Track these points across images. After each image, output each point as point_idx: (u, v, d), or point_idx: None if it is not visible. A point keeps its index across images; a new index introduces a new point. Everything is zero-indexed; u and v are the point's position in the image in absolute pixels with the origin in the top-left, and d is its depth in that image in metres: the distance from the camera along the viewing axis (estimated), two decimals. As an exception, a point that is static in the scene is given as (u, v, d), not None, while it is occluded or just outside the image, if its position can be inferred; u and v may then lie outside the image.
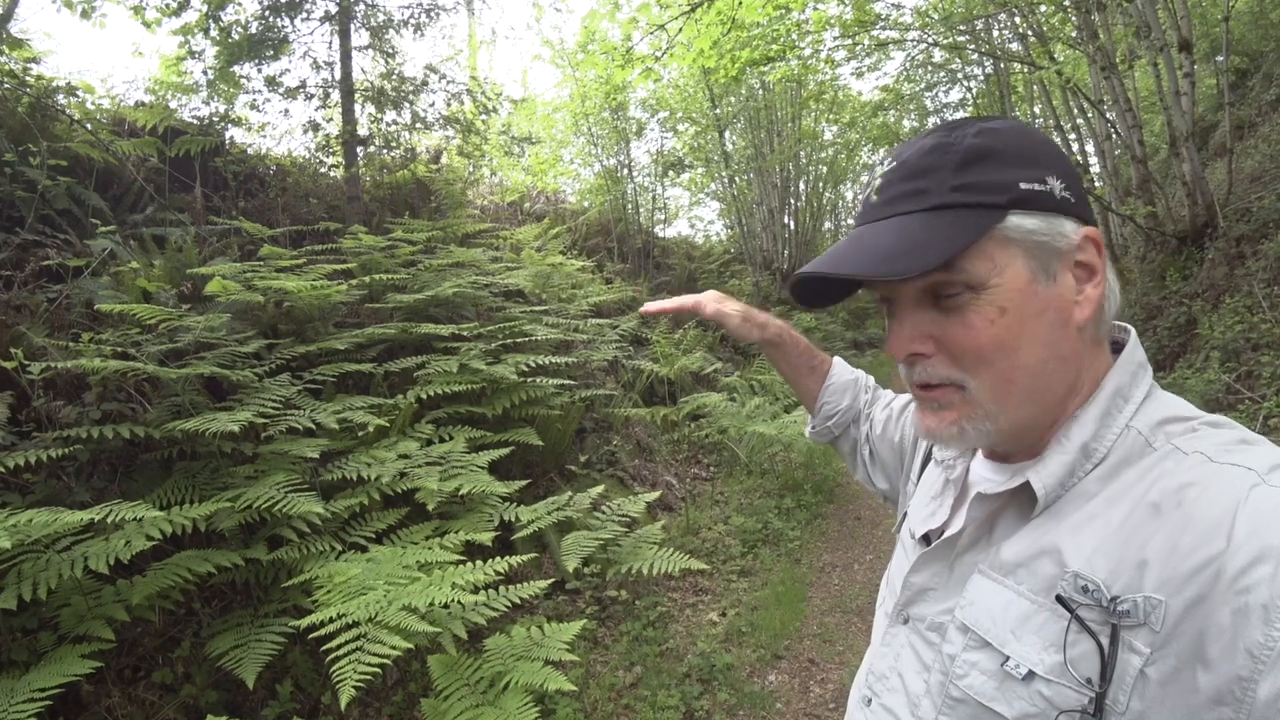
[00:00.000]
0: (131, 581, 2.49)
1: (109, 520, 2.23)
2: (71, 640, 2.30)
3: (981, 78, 12.16)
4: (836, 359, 1.25)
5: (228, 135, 5.63)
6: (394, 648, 2.20)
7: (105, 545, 2.34)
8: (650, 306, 1.16)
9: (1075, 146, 9.33)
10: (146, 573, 2.50)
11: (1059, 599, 0.64)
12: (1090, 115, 7.79)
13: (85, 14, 4.89)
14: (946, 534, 0.80)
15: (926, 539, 0.86)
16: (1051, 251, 0.67)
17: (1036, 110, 12.18)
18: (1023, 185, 0.66)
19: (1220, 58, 8.14)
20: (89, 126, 4.41)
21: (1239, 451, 0.61)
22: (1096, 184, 8.68)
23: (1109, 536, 0.63)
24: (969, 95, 12.79)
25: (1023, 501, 0.72)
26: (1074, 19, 7.05)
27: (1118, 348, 0.74)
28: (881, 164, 0.74)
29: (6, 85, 4.19)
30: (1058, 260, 0.68)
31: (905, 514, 0.96)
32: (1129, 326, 0.75)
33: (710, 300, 1.16)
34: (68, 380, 3.00)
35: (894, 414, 1.13)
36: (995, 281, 0.66)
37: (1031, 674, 0.65)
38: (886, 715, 0.81)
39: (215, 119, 5.48)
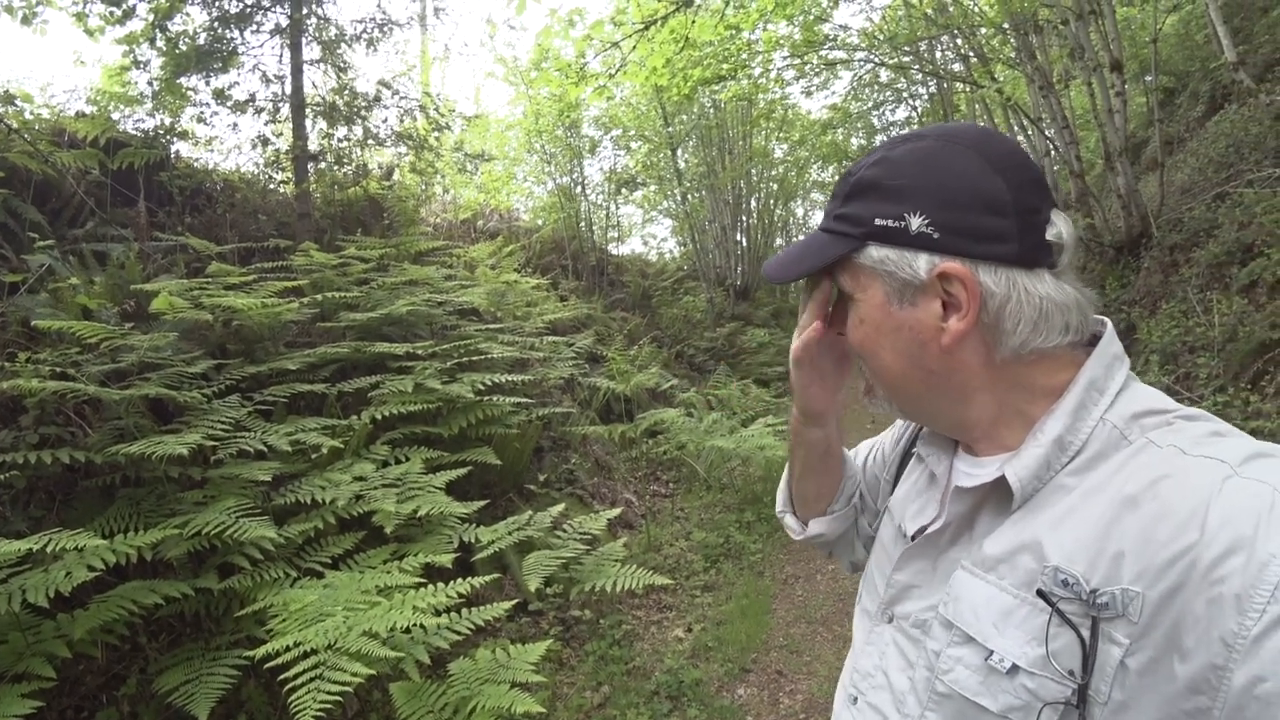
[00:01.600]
0: (73, 615, 2.37)
1: (48, 550, 2.13)
2: (10, 679, 2.18)
3: (926, 97, 12.57)
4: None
5: (173, 149, 5.46)
6: (355, 675, 2.13)
7: (44, 577, 2.23)
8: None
9: (1017, 163, 9.68)
10: (89, 606, 2.39)
11: (1040, 593, 0.65)
12: (1030, 132, 8.07)
13: (26, 20, 4.71)
14: (929, 530, 0.81)
15: (918, 535, 0.86)
16: (902, 281, 0.73)
17: (978, 129, 12.60)
18: (877, 221, 0.74)
19: (1149, 77, 8.54)
20: (27, 136, 4.23)
21: (1212, 444, 0.63)
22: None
23: (1086, 530, 0.64)
24: (914, 114, 13.18)
25: (1001, 496, 0.73)
26: (1013, 41, 7.32)
27: (1096, 341, 0.75)
28: None
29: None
30: (913, 289, 0.73)
31: (882, 511, 0.97)
32: (1106, 320, 0.77)
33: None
34: (2, 402, 2.86)
35: (877, 445, 1.11)
36: (859, 297, 0.78)
37: (1015, 667, 0.66)
38: (873, 713, 0.82)
39: (160, 131, 5.31)
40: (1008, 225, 0.69)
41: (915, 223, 0.71)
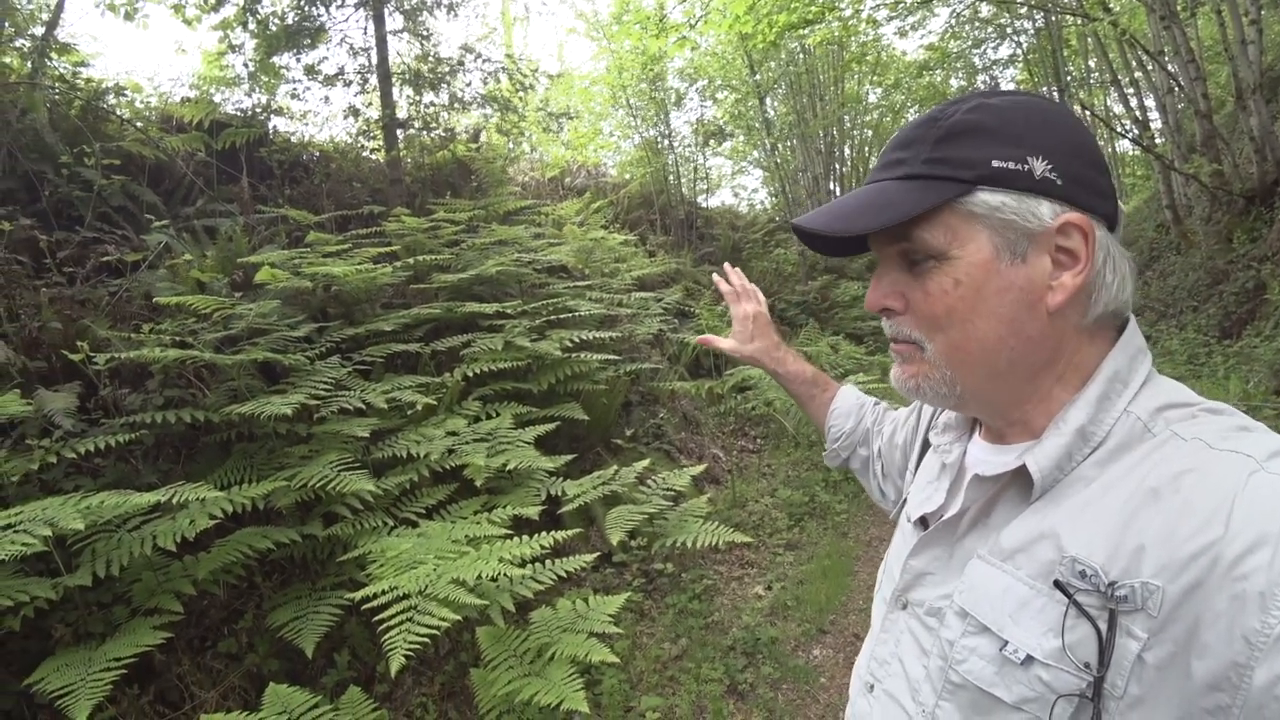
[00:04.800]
0: (197, 558, 2.62)
1: (174, 501, 2.35)
2: (143, 613, 2.44)
3: (1032, 32, 11.66)
4: (846, 387, 1.34)
5: (271, 125, 5.77)
6: (443, 619, 2.27)
7: (172, 524, 2.46)
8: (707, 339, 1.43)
9: (1134, 101, 8.86)
10: (210, 549, 2.63)
11: (1057, 584, 0.64)
12: (1150, 68, 7.42)
13: (128, 15, 5.04)
14: (945, 516, 0.80)
15: (924, 523, 0.86)
16: (1020, 231, 0.67)
17: (1091, 64, 11.69)
18: (995, 163, 0.67)
19: (1292, -2, 7.65)
20: (139, 125, 4.57)
21: (1238, 438, 0.61)
22: (1158, 140, 8.28)
23: (1107, 521, 0.63)
24: (1019, 51, 12.28)
25: (1021, 485, 0.72)
26: (1131, -37, 6.72)
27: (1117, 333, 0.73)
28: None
29: (58, 89, 4.36)
30: (1029, 241, 0.68)
31: (904, 500, 0.96)
32: (1129, 313, 0.74)
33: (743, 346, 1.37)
34: (131, 369, 3.14)
35: (900, 421, 1.14)
36: (955, 253, 0.69)
37: (1030, 659, 0.65)
38: (888, 701, 0.82)
39: (258, 110, 5.62)
40: (1108, 185, 0.69)
41: (1039, 167, 0.67)
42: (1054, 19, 9.73)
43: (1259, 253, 5.58)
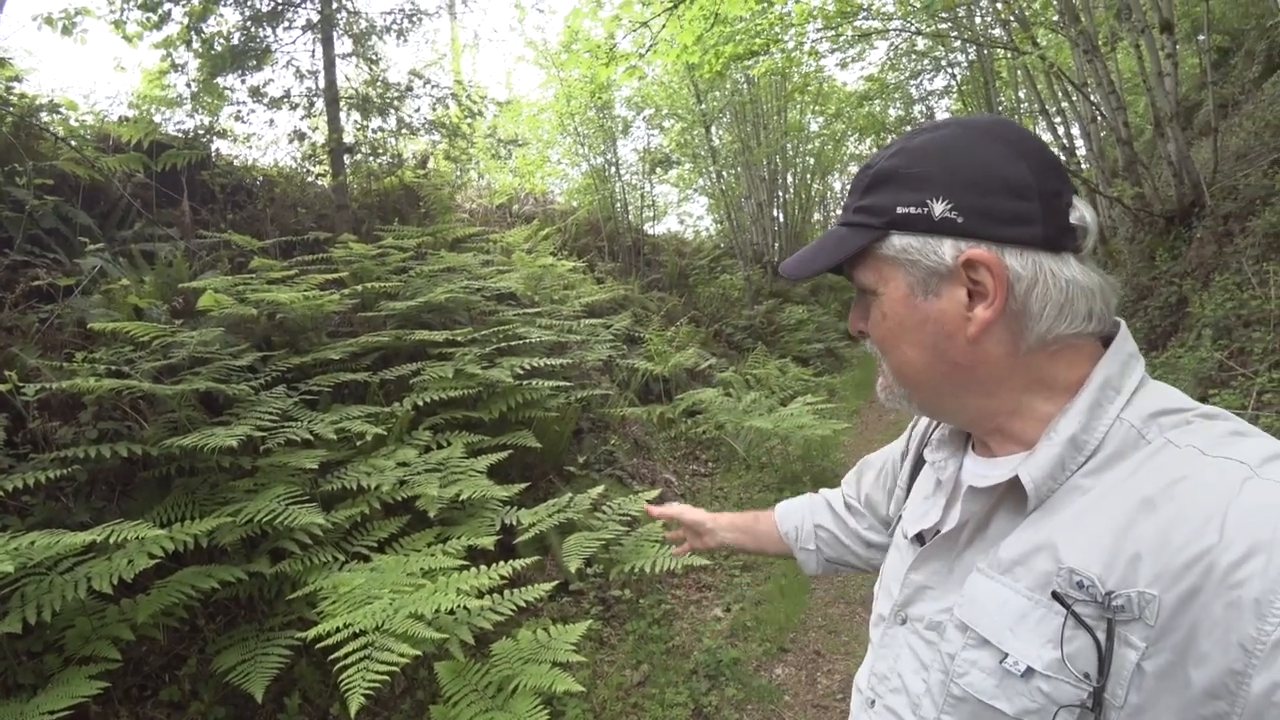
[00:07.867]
0: (135, 600, 2.48)
1: (110, 540, 2.23)
2: (78, 661, 2.30)
3: (965, 64, 12.18)
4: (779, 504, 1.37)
5: (213, 147, 5.60)
6: (402, 655, 2.20)
7: (108, 565, 2.33)
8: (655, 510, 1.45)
9: (1061, 130, 9.32)
10: (150, 591, 2.50)
11: (1055, 595, 0.65)
12: (1075, 98, 7.80)
13: (66, 30, 4.85)
14: (943, 531, 0.81)
15: (920, 539, 0.87)
16: (926, 269, 0.72)
17: (1021, 95, 12.23)
18: (899, 210, 0.72)
19: (1202, 37, 8.17)
20: (74, 144, 4.38)
21: (1232, 444, 0.62)
22: (1083, 166, 8.70)
23: (1103, 531, 0.64)
24: (953, 82, 12.81)
25: (1017, 497, 0.72)
26: (1056, 3, 7.07)
27: (1109, 341, 0.74)
28: None
29: (-11, 105, 4.17)
30: (937, 278, 0.72)
31: (899, 518, 0.97)
32: (1119, 320, 0.75)
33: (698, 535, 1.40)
34: (63, 400, 2.98)
35: (879, 461, 1.17)
36: (881, 291, 0.76)
37: (1030, 670, 0.65)
38: (890, 716, 0.82)
39: (200, 131, 5.45)
40: (1032, 208, 0.68)
41: (938, 209, 0.70)
42: (986, 53, 10.20)
43: (1180, 269, 5.89)
